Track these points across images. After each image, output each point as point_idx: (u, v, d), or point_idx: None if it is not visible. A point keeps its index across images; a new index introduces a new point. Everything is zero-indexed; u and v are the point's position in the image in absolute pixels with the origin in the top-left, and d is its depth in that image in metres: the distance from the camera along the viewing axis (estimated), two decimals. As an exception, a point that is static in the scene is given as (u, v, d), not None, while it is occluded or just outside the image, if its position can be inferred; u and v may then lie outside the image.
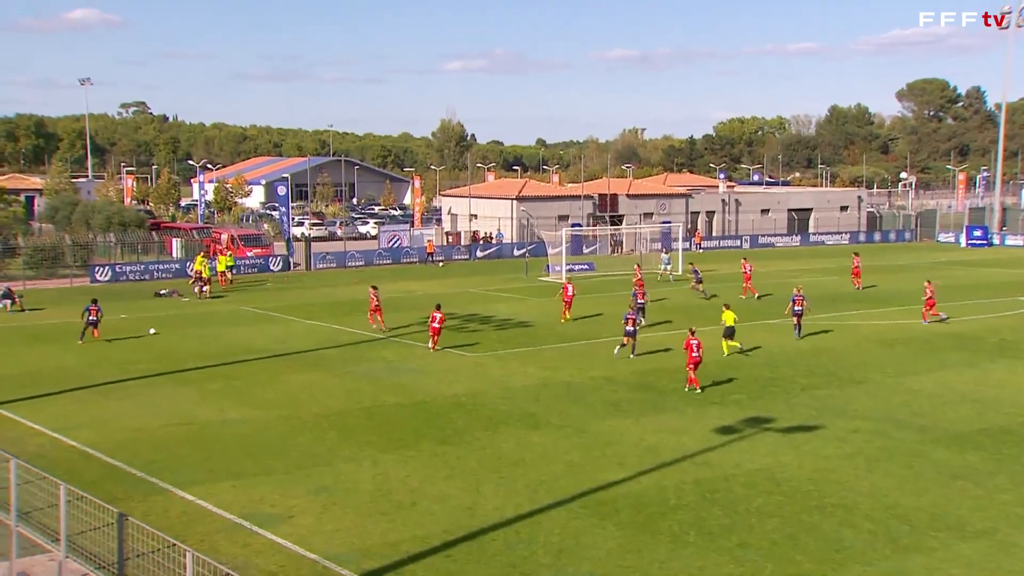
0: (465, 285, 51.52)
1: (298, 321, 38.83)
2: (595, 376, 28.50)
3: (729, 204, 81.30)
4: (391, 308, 42.62)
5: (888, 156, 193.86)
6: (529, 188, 75.58)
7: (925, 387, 27.04)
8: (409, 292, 48.33)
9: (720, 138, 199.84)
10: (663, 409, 24.69)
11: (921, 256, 69.61)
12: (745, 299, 44.28)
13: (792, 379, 28.04)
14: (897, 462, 20.33)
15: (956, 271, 57.77)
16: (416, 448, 21.26)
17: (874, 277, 55.25)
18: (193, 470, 19.61)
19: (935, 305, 39.35)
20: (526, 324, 38.08)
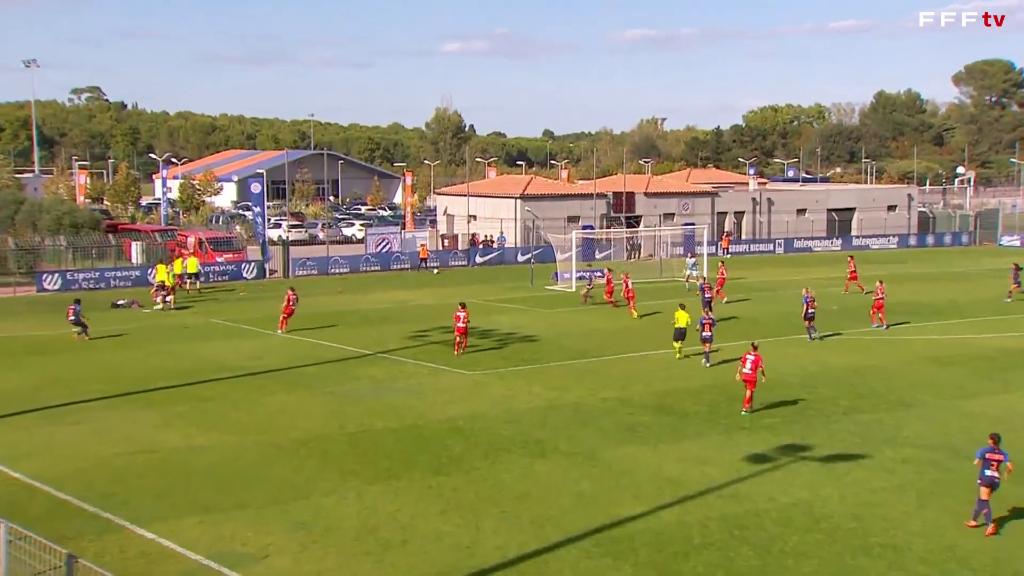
0: (463, 294, 51.57)
1: (274, 335, 38.89)
2: (608, 397, 28.52)
3: (760, 203, 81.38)
4: (379, 321, 42.69)
5: (943, 149, 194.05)
6: (535, 186, 75.73)
7: (987, 411, 27.00)
8: (400, 303, 48.44)
9: (750, 129, 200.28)
10: (685, 435, 24.68)
11: (980, 262, 69.61)
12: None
13: (833, 401, 28.02)
14: (954, 497, 20.27)
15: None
16: (407, 479, 21.26)
17: (928, 287, 55.24)
18: (154, 504, 19.60)
19: (883, 309, 40.33)
20: (531, 338, 38.13)
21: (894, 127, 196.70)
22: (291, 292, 40.44)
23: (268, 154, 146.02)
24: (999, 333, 39.41)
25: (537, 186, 75.85)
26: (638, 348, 36.20)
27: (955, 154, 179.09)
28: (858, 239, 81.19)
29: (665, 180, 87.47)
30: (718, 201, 79.43)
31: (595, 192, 73.45)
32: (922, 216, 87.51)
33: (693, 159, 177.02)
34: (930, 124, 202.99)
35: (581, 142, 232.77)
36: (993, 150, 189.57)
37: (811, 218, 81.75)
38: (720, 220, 79.14)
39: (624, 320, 42.61)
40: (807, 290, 38.68)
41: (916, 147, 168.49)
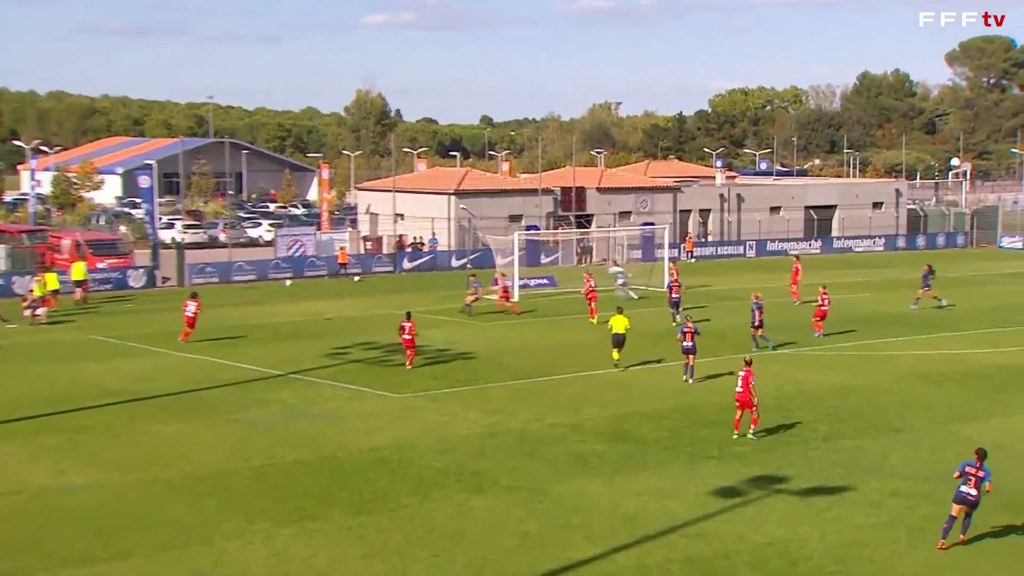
0: (389, 305, 51.44)
1: (167, 354, 38.48)
2: (556, 423, 28.64)
3: (729, 200, 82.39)
4: (291, 336, 42.44)
5: (935, 137, 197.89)
6: (472, 180, 75.86)
7: (985, 436, 27.52)
8: (316, 315, 48.26)
9: (718, 115, 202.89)
10: (644, 465, 24.86)
11: (978, 266, 71.12)
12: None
13: (812, 425, 28.43)
14: (949, 535, 20.66)
15: (1021, 286, 59.07)
16: (324, 519, 21.16)
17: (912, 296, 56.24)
18: (20, 555, 19.26)
19: (825, 318, 41.80)
20: (468, 356, 38.19)
21: (880, 113, 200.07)
22: (193, 299, 40.72)
23: (159, 142, 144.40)
24: (997, 348, 40.30)
25: (474, 180, 75.97)
26: (591, 366, 36.39)
27: (949, 143, 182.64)
28: (839, 240, 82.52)
29: (620, 174, 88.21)
30: (681, 198, 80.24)
31: (540, 187, 73.75)
32: (912, 214, 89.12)
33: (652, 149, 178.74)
34: (921, 109, 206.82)
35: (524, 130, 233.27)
36: (992, 139, 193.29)
37: (786, 217, 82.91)
38: (683, 219, 79.94)
39: (575, 334, 42.82)
40: (757, 295, 39.68)
41: (905, 135, 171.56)
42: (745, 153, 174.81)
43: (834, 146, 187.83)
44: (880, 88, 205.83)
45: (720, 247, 78.01)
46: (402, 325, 35.82)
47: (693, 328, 33.82)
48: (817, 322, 42.54)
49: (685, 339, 33.52)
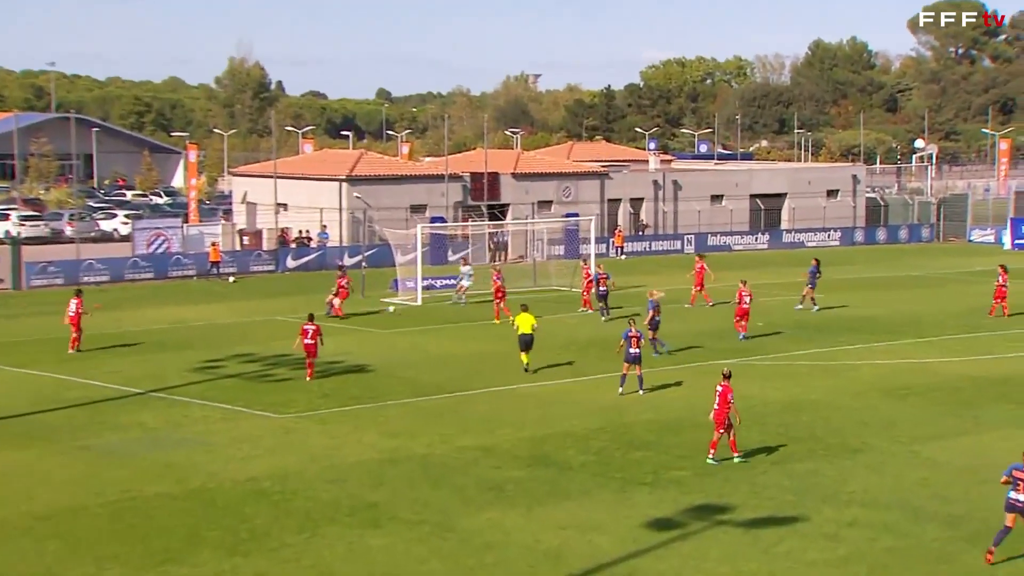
0: (270, 310, 51.05)
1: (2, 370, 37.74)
2: (466, 446, 28.65)
3: (664, 188, 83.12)
4: (152, 347, 41.89)
5: (897, 116, 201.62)
6: (367, 164, 75.54)
7: (953, 458, 28.10)
8: (182, 322, 47.83)
9: (651, 90, 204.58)
10: (568, 494, 24.96)
11: (945, 262, 72.59)
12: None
13: (759, 446, 28.74)
14: (915, 570, 21.00)
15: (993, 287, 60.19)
16: (191, 563, 20.91)
17: (878, 296, 57.29)
18: None
19: (746, 316, 43.22)
20: (363, 368, 38.09)
21: (835, 88, 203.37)
22: (76, 298, 40.81)
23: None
24: (968, 356, 41.14)
25: (369, 165, 75.65)
26: (506, 379, 36.46)
27: (912, 122, 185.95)
28: (789, 234, 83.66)
29: (539, 157, 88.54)
30: (609, 185, 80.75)
31: (447, 173, 73.69)
32: (871, 204, 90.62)
33: (576, 129, 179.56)
34: (881, 84, 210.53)
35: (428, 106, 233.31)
36: (960, 117, 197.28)
37: (729, 207, 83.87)
38: (612, 210, 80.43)
39: (489, 342, 42.85)
40: (652, 292, 40.75)
41: (863, 113, 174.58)
42: (682, 134, 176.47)
43: (783, 126, 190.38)
44: (835, 59, 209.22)
45: (654, 241, 78.61)
46: (304, 329, 36.06)
47: (638, 333, 34.15)
48: (739, 322, 43.56)
49: (630, 345, 33.78)
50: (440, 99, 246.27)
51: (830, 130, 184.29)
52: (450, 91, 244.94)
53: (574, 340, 43.47)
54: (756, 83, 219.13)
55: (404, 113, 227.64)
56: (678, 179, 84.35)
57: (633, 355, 33.78)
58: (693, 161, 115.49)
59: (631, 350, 33.77)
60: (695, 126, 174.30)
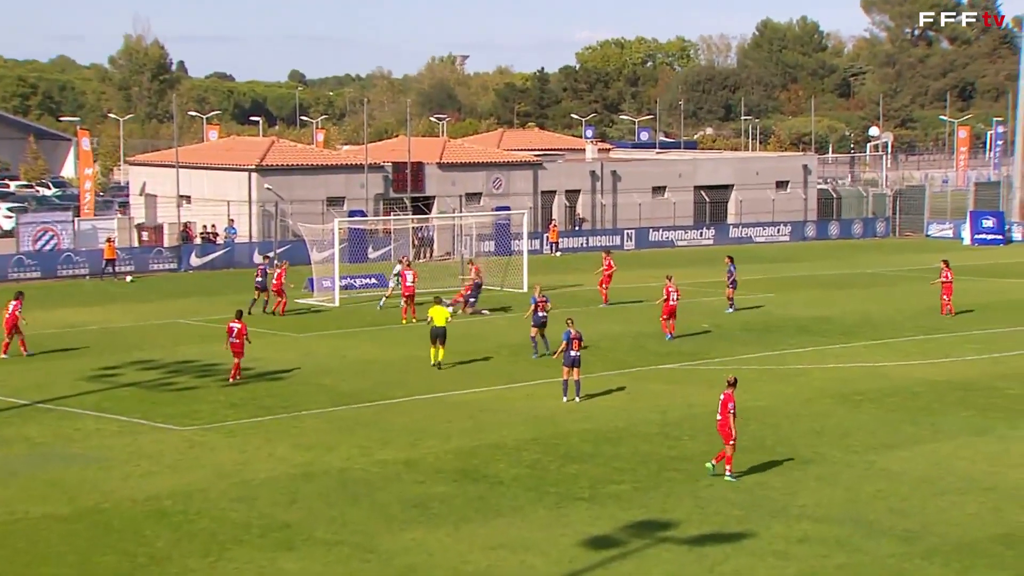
0: (171, 312, 50.65)
1: None
2: (388, 459, 28.60)
3: (602, 179, 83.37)
4: (42, 354, 41.35)
5: (850, 101, 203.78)
6: (278, 153, 75.09)
7: (910, 468, 28.45)
8: (74, 326, 47.35)
9: (587, 73, 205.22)
10: (499, 510, 24.99)
11: (901, 259, 73.43)
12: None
13: (704, 458, 28.88)
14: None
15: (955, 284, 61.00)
16: (85, 591, 20.68)
17: (830, 295, 57.83)
18: None
19: (674, 315, 44.05)
20: (276, 375, 37.94)
21: (784, 71, 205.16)
22: (15, 301, 40.83)
23: None
24: (926, 359, 41.69)
25: (282, 153, 75.20)
26: (431, 387, 36.46)
27: (867, 108, 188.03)
28: (736, 228, 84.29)
29: (468, 146, 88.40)
30: (543, 176, 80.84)
31: (367, 163, 73.45)
32: (823, 196, 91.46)
33: (507, 115, 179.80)
34: (833, 67, 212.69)
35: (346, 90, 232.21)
36: (917, 103, 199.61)
37: (672, 199, 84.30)
38: (546, 203, 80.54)
39: (413, 346, 42.80)
40: (537, 288, 41.74)
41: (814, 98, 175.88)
42: (622, 120, 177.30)
43: (730, 112, 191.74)
44: (784, 41, 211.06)
45: (592, 237, 78.85)
46: (230, 327, 36.53)
47: (578, 334, 34.35)
48: (666, 322, 44.12)
49: (570, 348, 34.03)
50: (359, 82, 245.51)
51: (779, 117, 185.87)
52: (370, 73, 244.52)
53: (505, 343, 43.51)
54: (700, 66, 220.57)
55: (319, 97, 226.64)
56: (617, 169, 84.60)
57: (572, 358, 34.03)
58: (633, 150, 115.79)
59: (571, 352, 34.02)
60: (635, 112, 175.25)
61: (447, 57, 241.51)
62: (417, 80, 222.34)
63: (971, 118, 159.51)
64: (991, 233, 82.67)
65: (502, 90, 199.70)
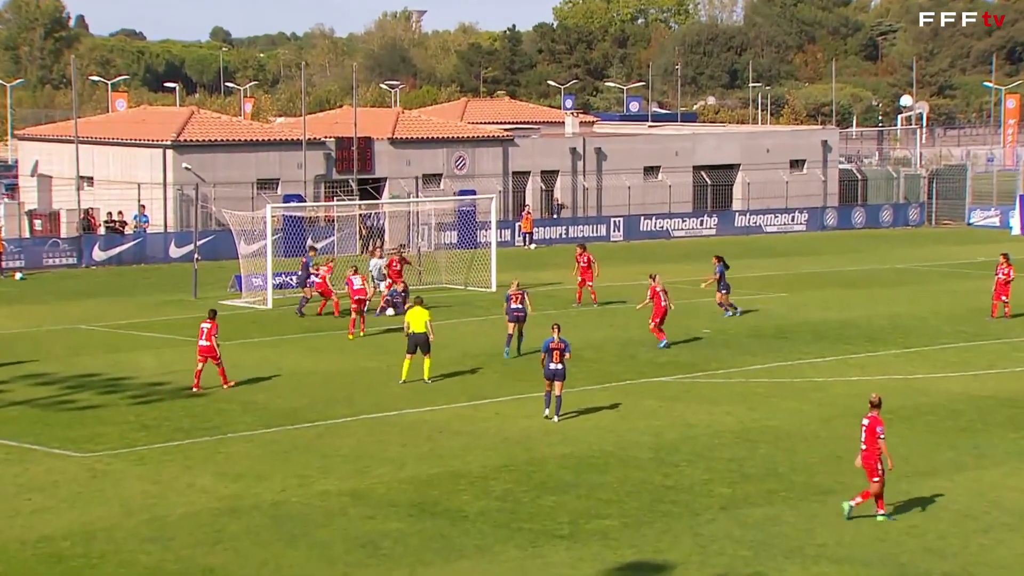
0: (71, 316, 50.44)
1: None
2: (330, 490, 28.53)
3: (585, 157, 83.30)
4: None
5: (878, 66, 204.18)
6: (199, 125, 74.85)
7: (949, 500, 28.46)
8: (-47, 333, 47.03)
9: (567, 32, 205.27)
10: (462, 551, 24.95)
11: (939, 252, 73.60)
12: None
13: (705, 487, 28.95)
14: None
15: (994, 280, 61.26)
16: (-32, 649, 20.58)
17: (855, 296, 57.90)
18: None
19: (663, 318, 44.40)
20: (195, 392, 37.79)
21: (800, 29, 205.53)
22: None
23: None
24: (967, 371, 41.80)
25: (203, 126, 74.95)
26: (383, 404, 36.45)
27: (898, 74, 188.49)
28: (743, 216, 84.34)
29: (425, 118, 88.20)
30: (514, 154, 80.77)
31: (305, 138, 73.27)
32: (846, 177, 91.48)
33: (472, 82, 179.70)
34: (857, 24, 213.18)
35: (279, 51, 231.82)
36: (957, 67, 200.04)
37: (667, 181, 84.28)
38: (518, 186, 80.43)
39: (360, 356, 42.69)
40: (514, 283, 42.82)
41: (835, 62, 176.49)
42: (608, 88, 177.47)
43: (735, 78, 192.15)
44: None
45: (572, 226, 78.80)
46: (200, 328, 37.14)
47: (561, 344, 34.41)
48: (657, 326, 44.36)
49: (552, 359, 34.13)
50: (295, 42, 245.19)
51: (794, 84, 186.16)
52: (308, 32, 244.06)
53: (470, 352, 43.46)
54: (701, 24, 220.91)
55: (248, 60, 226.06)
56: (602, 147, 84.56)
57: (551, 370, 34.17)
58: (621, 124, 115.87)
59: (551, 364, 34.17)
60: (624, 79, 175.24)
61: (400, 13, 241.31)
62: (365, 40, 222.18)
63: (1021, 85, 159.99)
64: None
65: (466, 52, 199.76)
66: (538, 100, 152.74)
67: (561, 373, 34.19)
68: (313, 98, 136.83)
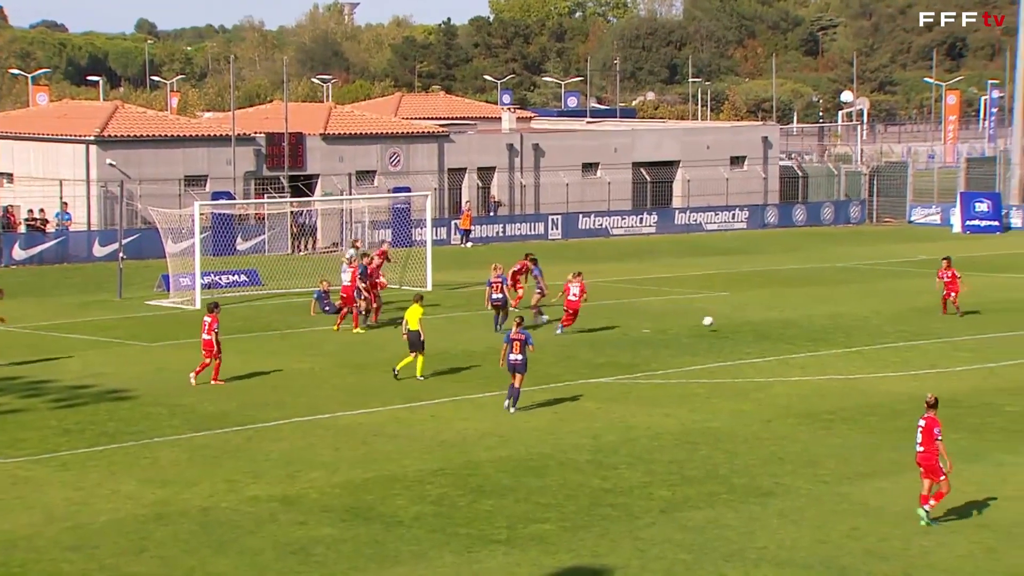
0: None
1: None
2: (260, 496, 28.43)
3: (522, 154, 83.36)
4: None
5: (819, 60, 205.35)
6: (124, 121, 74.44)
7: (890, 502, 28.60)
8: None
9: (504, 25, 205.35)
10: (397, 557, 24.91)
11: (880, 250, 74.05)
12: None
13: (644, 490, 29.00)
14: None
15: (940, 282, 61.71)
16: None
17: (795, 294, 58.19)
18: None
19: (575, 317, 45.92)
20: (120, 395, 37.61)
21: (740, 24, 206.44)
22: None
23: None
24: (908, 370, 42.09)
25: (128, 121, 74.55)
26: (315, 407, 36.35)
27: (838, 69, 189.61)
28: (683, 213, 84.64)
29: (358, 113, 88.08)
30: (450, 150, 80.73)
31: (234, 133, 72.99)
32: (787, 174, 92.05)
33: (407, 76, 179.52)
34: (798, 19, 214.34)
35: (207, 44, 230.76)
36: (898, 63, 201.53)
37: (606, 178, 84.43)
38: (454, 183, 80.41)
39: (293, 358, 42.60)
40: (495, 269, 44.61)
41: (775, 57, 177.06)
42: (545, 84, 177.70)
43: (675, 73, 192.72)
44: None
45: (510, 224, 78.84)
46: (203, 322, 38.57)
47: (522, 336, 34.91)
48: (567, 317, 46.27)
49: (512, 350, 34.62)
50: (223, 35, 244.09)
51: (734, 79, 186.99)
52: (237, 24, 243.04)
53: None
54: (640, 18, 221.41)
55: (174, 53, 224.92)
56: (540, 143, 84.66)
57: (511, 362, 34.84)
58: (559, 119, 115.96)
59: (511, 356, 34.75)
60: (561, 74, 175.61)
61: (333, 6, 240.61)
62: (296, 33, 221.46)
63: (962, 81, 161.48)
64: (985, 219, 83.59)
65: (400, 46, 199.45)
66: (474, 95, 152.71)
67: (521, 365, 34.82)
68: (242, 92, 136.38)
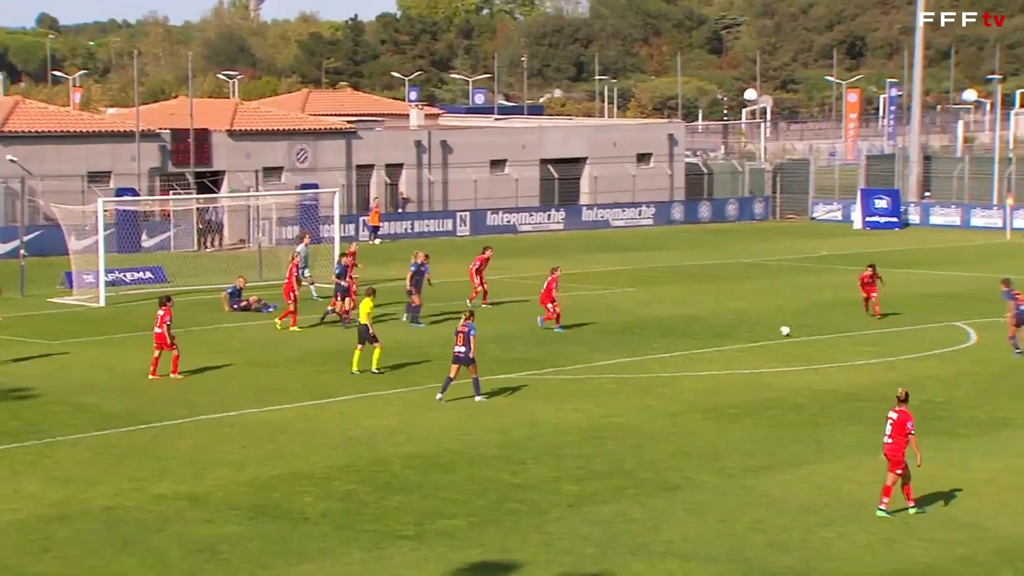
0: None
1: None
2: (165, 494, 28.26)
3: (430, 150, 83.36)
4: None
5: (723, 59, 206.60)
6: (25, 116, 73.77)
7: (792, 494, 28.87)
8: None
9: (411, 22, 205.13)
10: (304, 554, 24.84)
11: (783, 246, 74.74)
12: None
13: (552, 484, 29.08)
14: None
15: (841, 276, 62.23)
16: None
17: (700, 290, 58.56)
18: None
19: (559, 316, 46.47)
20: (23, 393, 37.33)
21: (645, 22, 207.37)
22: None
23: None
24: (810, 364, 42.42)
25: (29, 117, 73.91)
26: (222, 404, 36.21)
27: (742, 67, 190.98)
28: (591, 210, 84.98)
29: (265, 110, 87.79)
30: (358, 146, 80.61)
31: (138, 129, 72.48)
32: (692, 171, 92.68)
33: (314, 72, 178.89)
34: (702, 17, 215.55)
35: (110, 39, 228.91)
36: (799, 61, 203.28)
37: (514, 175, 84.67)
38: (362, 179, 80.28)
39: (200, 354, 42.32)
40: (417, 255, 46.40)
41: (680, 55, 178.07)
42: (453, 80, 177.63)
43: (581, 71, 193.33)
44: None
45: (418, 220, 78.83)
46: (156, 315, 39.04)
47: (466, 328, 35.36)
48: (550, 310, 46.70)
49: (456, 342, 35.35)
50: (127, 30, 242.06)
51: (640, 77, 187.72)
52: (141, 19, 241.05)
53: (311, 351, 43.31)
54: (546, 15, 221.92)
55: (77, 48, 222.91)
56: (448, 139, 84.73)
57: (454, 354, 35.52)
58: (467, 116, 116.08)
59: (456, 347, 35.41)
60: (469, 71, 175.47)
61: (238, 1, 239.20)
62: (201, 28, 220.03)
63: (861, 79, 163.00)
64: (885, 215, 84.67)
65: (306, 42, 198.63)
66: (382, 92, 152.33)
67: (464, 357, 35.29)
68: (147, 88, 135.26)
